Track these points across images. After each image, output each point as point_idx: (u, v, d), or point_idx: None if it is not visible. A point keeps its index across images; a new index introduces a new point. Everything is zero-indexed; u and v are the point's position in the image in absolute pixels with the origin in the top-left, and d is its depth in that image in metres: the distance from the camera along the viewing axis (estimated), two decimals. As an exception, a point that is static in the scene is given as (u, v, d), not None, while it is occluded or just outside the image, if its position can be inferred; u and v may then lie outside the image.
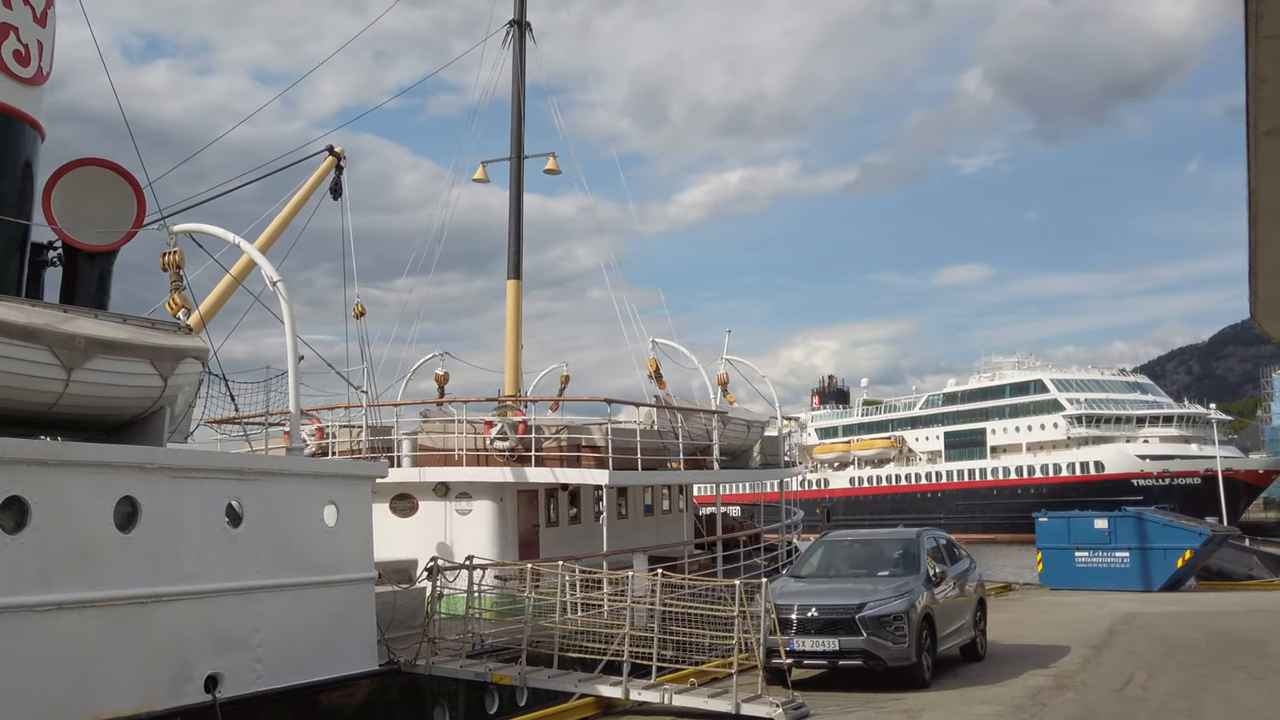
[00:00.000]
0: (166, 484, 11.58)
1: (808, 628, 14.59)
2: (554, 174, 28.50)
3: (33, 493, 10.18)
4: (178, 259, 14.39)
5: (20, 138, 14.39)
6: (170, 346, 12.15)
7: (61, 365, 10.83)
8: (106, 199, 15.14)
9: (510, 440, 20.79)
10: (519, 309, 27.27)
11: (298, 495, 13.40)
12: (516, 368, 26.97)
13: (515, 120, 28.63)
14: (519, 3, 29.78)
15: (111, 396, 11.59)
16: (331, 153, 21.88)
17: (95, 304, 14.90)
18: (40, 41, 14.52)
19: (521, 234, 27.75)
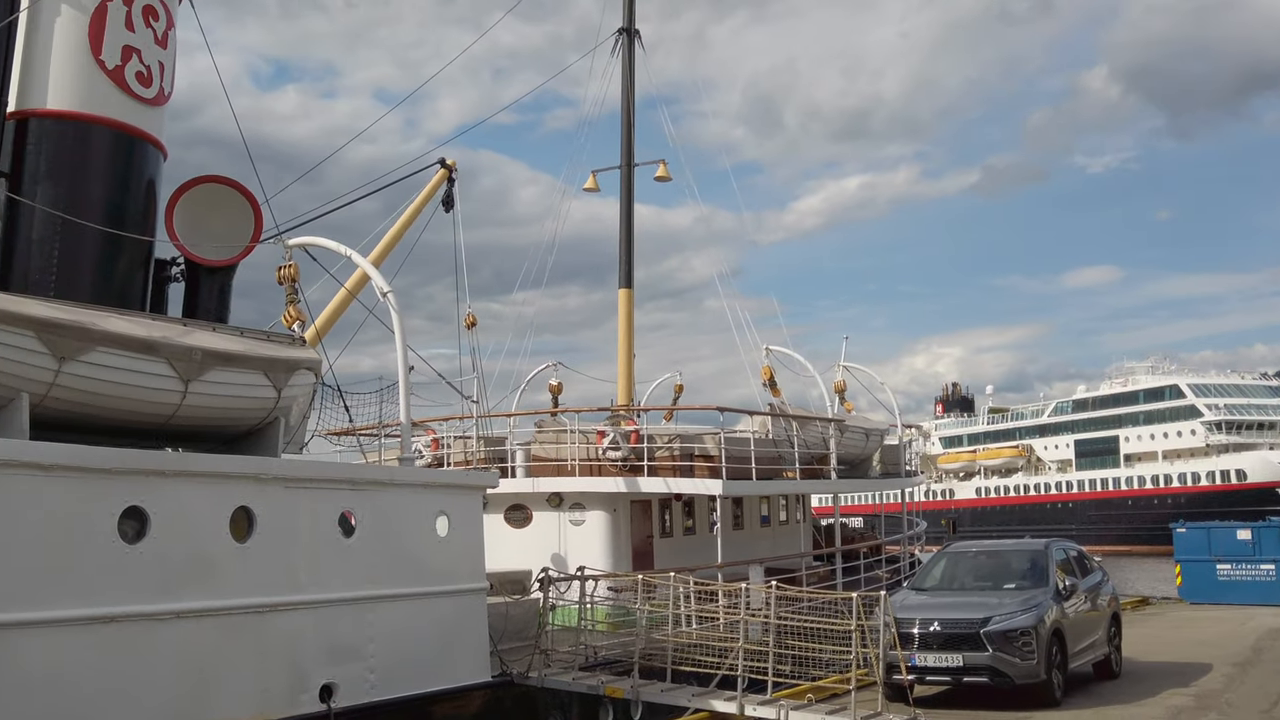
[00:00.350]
0: (281, 494, 11.69)
1: (930, 642, 14.03)
2: (664, 181, 28.34)
3: (152, 503, 10.35)
4: (292, 273, 14.59)
5: (144, 157, 14.80)
6: (283, 358, 12.28)
7: (179, 377, 11.01)
8: (225, 215, 15.47)
9: (623, 450, 20.60)
10: (631, 318, 27.15)
11: (409, 505, 13.43)
12: (629, 377, 26.83)
13: (625, 128, 28.56)
14: (627, 10, 29.74)
15: (227, 408, 11.75)
16: (443, 165, 22.08)
17: (216, 317, 15.24)
18: (161, 63, 14.92)
19: (632, 243, 27.65)
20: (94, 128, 14.20)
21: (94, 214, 13.90)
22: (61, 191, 13.87)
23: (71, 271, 13.81)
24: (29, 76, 14.14)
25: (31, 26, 14.25)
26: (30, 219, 13.72)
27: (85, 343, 10.20)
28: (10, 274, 13.69)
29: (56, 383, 10.08)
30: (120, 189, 14.50)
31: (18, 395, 9.90)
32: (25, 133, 14.01)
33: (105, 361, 10.37)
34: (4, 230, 13.77)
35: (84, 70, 14.15)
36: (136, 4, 14.59)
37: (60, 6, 14.26)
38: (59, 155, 13.99)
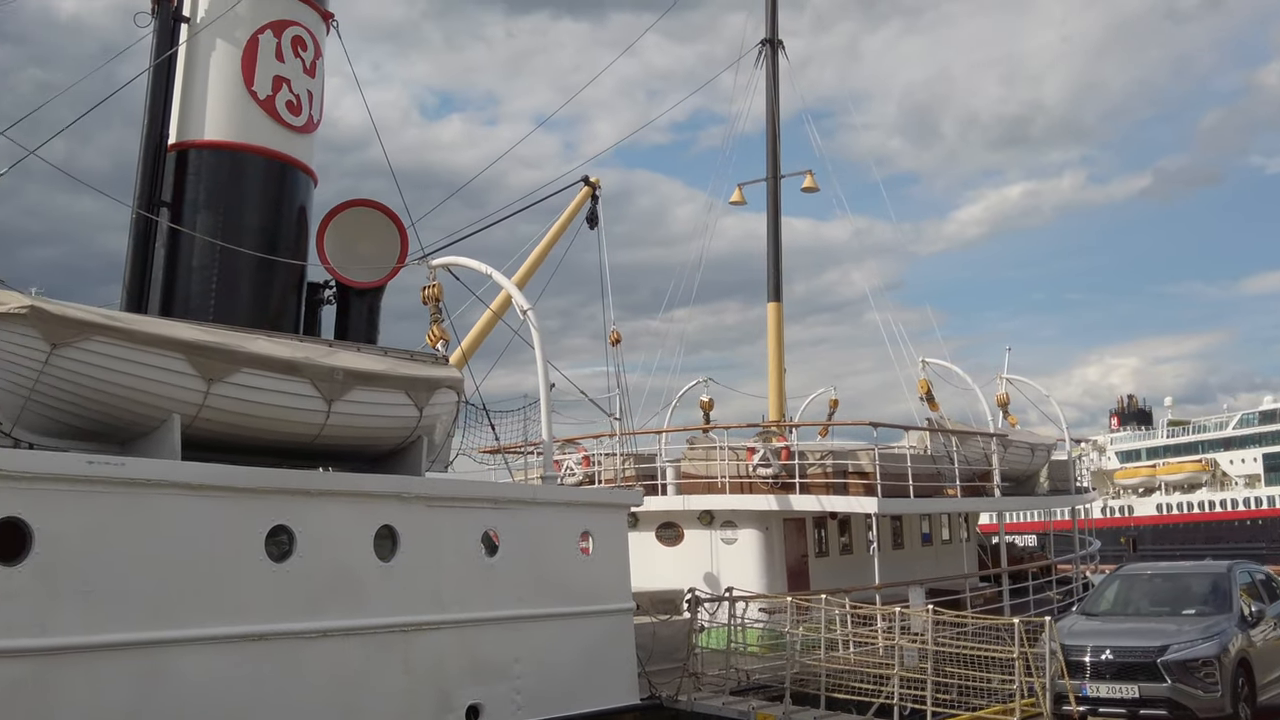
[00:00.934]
0: (424, 513, 11.70)
1: (1102, 671, 13.07)
2: (811, 192, 27.77)
3: (298, 522, 10.46)
4: (436, 293, 14.70)
5: (295, 183, 15.16)
6: (425, 377, 12.31)
7: (322, 397, 11.12)
8: (373, 238, 15.74)
9: (773, 467, 20.12)
10: (780, 332, 26.65)
11: (553, 524, 13.29)
12: (780, 392, 26.31)
13: (770, 139, 28.15)
14: (770, 22, 29.40)
15: (370, 427, 11.83)
16: (587, 183, 22.05)
17: (365, 338, 15.48)
18: (310, 91, 15.28)
19: (780, 255, 27.17)
20: (247, 156, 14.60)
21: (249, 240, 14.29)
22: (218, 219, 14.31)
23: (229, 296, 14.22)
24: (188, 110, 14.68)
25: (190, 62, 14.80)
26: (190, 247, 14.20)
27: (231, 364, 10.39)
28: (173, 300, 14.19)
29: (205, 404, 10.29)
30: (273, 215, 14.87)
31: (169, 417, 10.14)
32: (185, 164, 14.53)
33: (251, 382, 10.55)
34: (166, 259, 14.30)
35: (237, 101, 14.60)
36: (286, 35, 14.99)
37: (215, 41, 14.75)
38: (215, 184, 14.45)
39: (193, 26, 14.86)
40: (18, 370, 9.44)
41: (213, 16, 14.75)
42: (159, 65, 14.60)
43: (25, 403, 9.60)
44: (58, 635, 8.66)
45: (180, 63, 14.81)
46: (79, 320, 9.62)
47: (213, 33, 14.78)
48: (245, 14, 14.79)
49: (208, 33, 14.79)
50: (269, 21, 14.88)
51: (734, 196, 29.40)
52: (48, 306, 9.48)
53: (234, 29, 14.78)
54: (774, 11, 29.86)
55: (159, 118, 14.54)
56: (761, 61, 29.59)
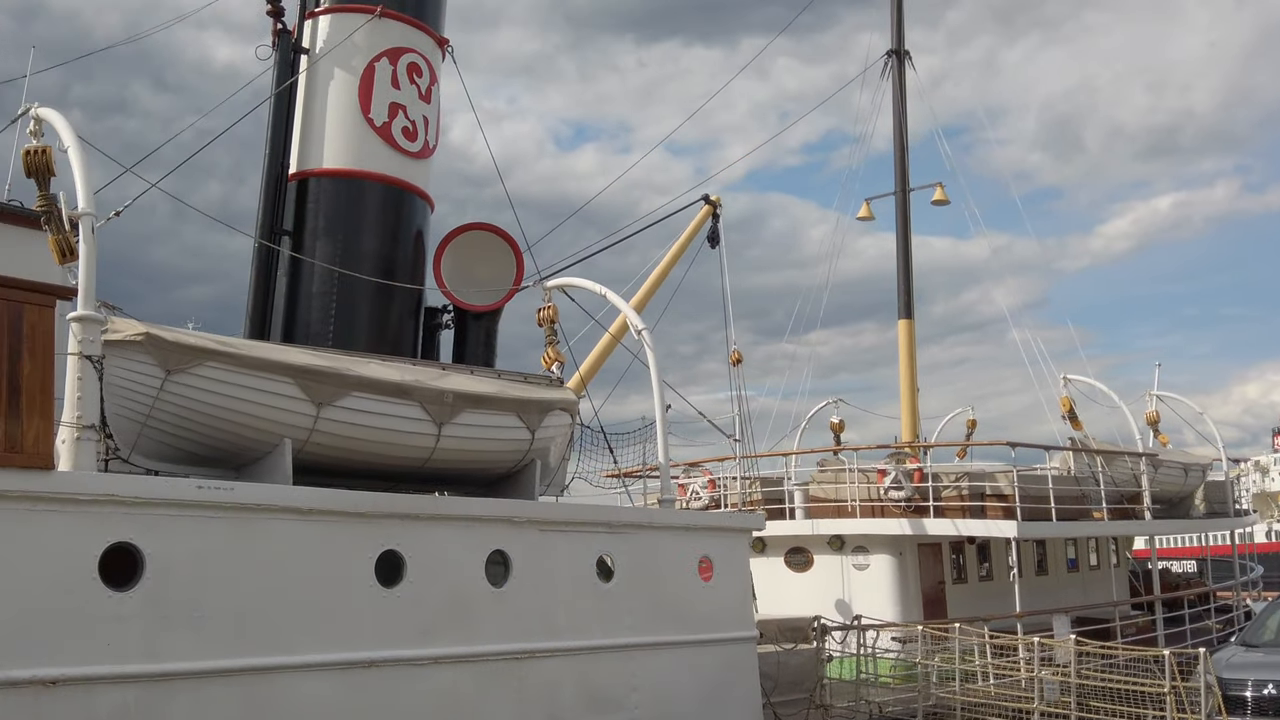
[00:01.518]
0: (536, 538, 11.45)
1: (1265, 708, 12.00)
2: (942, 204, 26.91)
3: (408, 547, 10.31)
4: (551, 314, 14.55)
5: (412, 209, 15.21)
6: (536, 399, 12.09)
7: (432, 420, 10.99)
8: (490, 261, 15.71)
9: (905, 490, 19.35)
10: (912, 350, 25.80)
11: (670, 549, 12.90)
12: (913, 412, 25.42)
13: (898, 151, 27.40)
14: (896, 33, 28.71)
15: (481, 450, 11.65)
16: (707, 201, 21.70)
17: (483, 361, 15.42)
18: (426, 117, 15.34)
19: (911, 271, 26.36)
20: (365, 183, 14.71)
21: (367, 266, 14.37)
22: (336, 246, 14.43)
23: (348, 322, 14.31)
24: (307, 139, 14.89)
25: (309, 93, 15.02)
26: (310, 274, 14.36)
27: (341, 388, 10.34)
28: (294, 327, 14.36)
29: (316, 428, 10.25)
30: (391, 241, 14.94)
31: (281, 441, 10.12)
32: (305, 193, 14.73)
33: (361, 406, 10.48)
34: (288, 287, 14.49)
35: (354, 129, 14.73)
36: (401, 63, 15.09)
37: (333, 71, 14.94)
38: (334, 212, 14.59)
39: (311, 57, 15.11)
40: (134, 396, 9.54)
41: (330, 46, 14.97)
42: (279, 96, 14.89)
43: (141, 428, 9.69)
44: (167, 661, 8.64)
45: (300, 94, 15.08)
46: (191, 346, 9.68)
47: (330, 63, 14.98)
48: (362, 43, 14.95)
49: (325, 63, 15.01)
50: (385, 49, 15.00)
51: (861, 212, 28.73)
52: (161, 333, 9.57)
53: (351, 58, 14.95)
54: (899, 22, 29.20)
55: (279, 148, 14.80)
56: (888, 73, 28.90)
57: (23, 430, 8.11)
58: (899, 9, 29.13)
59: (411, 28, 15.41)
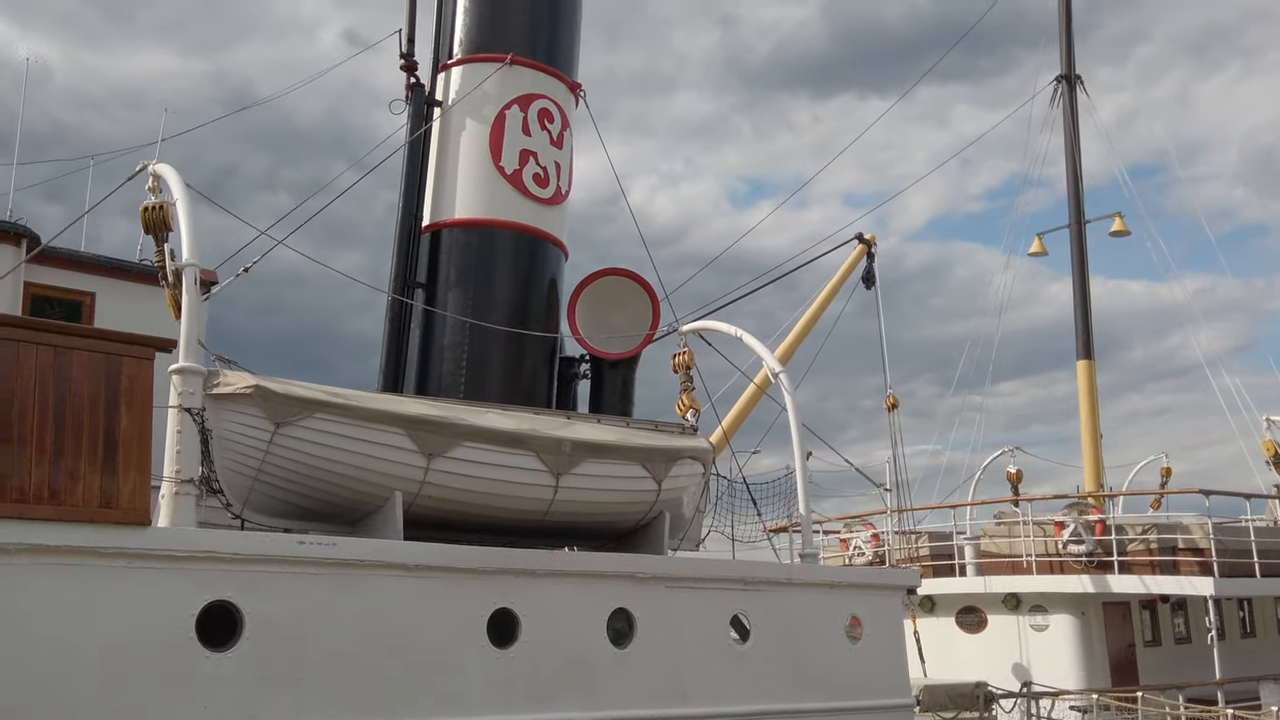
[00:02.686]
0: (662, 595, 10.73)
1: None
2: (1121, 236, 25.08)
3: (522, 604, 9.77)
4: (687, 360, 13.93)
5: (544, 257, 14.90)
6: (661, 447, 11.45)
7: (549, 471, 10.48)
8: (627, 308, 15.23)
9: (1086, 543, 17.75)
10: (1094, 392, 24.04)
11: (814, 608, 11.97)
12: (1095, 460, 23.59)
13: (1071, 180, 25.87)
14: (1066, 57, 27.23)
15: (603, 501, 11.06)
16: (861, 240, 20.78)
17: (619, 411, 14.89)
18: (558, 163, 15.06)
19: (1089, 308, 24.65)
20: (496, 232, 14.48)
21: (499, 315, 14.10)
22: (467, 297, 14.22)
23: (479, 374, 14.03)
24: (440, 190, 14.81)
25: (442, 145, 14.98)
26: (443, 326, 14.18)
27: (452, 438, 9.94)
28: (427, 380, 14.18)
29: (427, 480, 9.87)
30: (523, 289, 14.65)
31: (391, 494, 9.78)
32: (438, 244, 14.62)
33: (472, 456, 10.05)
34: (421, 339, 14.35)
35: (485, 177, 14.56)
36: (532, 109, 14.88)
37: (465, 121, 14.86)
38: (465, 261, 14.40)
39: (443, 109, 15.09)
40: (244, 450, 9.37)
41: (460, 96, 14.91)
42: (412, 150, 14.90)
43: (253, 483, 9.51)
44: (265, 724, 8.31)
45: (434, 147, 15.05)
46: (300, 398, 9.47)
47: (462, 113, 14.91)
48: (492, 91, 14.82)
49: (457, 114, 14.94)
50: (516, 96, 14.83)
51: (1034, 247, 27.22)
52: (271, 385, 9.39)
53: (482, 107, 14.83)
54: (1069, 46, 27.73)
55: (412, 201, 14.78)
56: (1059, 99, 27.42)
57: (119, 485, 7.96)
58: (1068, 32, 27.69)
59: (542, 74, 15.20)
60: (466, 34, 15.32)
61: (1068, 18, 27.73)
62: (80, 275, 10.80)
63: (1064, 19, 27.67)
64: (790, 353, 19.18)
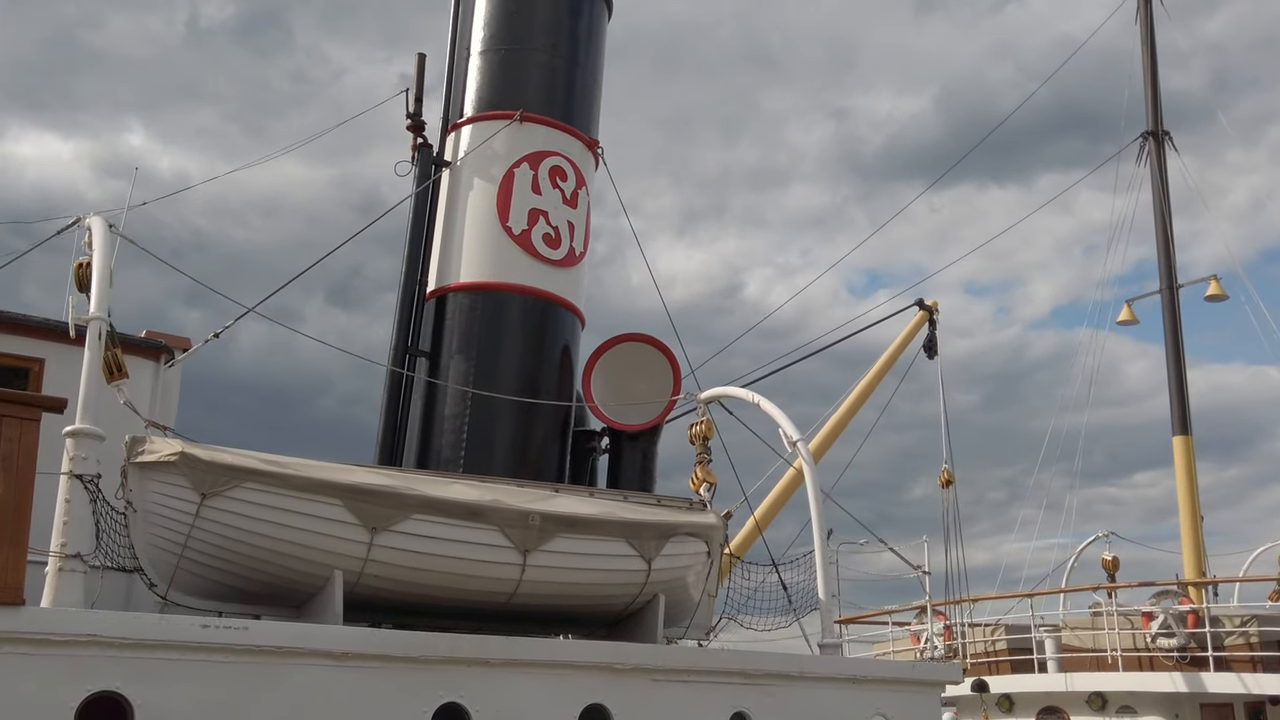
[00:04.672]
0: (647, 689, 9.40)
1: None
2: (1218, 300, 23.14)
3: (474, 699, 8.56)
4: (705, 430, 12.75)
5: (555, 321, 13.94)
6: (651, 522, 10.20)
7: (514, 547, 9.32)
8: (648, 377, 14.16)
9: (1178, 637, 15.76)
10: (1192, 469, 22.01)
11: (832, 706, 10.47)
12: (1195, 544, 21.40)
13: (1161, 242, 24.11)
14: (1152, 112, 25.65)
15: (580, 582, 9.83)
16: (922, 306, 19.40)
17: (638, 486, 13.74)
18: (571, 223, 14.17)
19: (1184, 379, 22.74)
20: (502, 295, 13.60)
21: (506, 385, 13.14)
22: (470, 364, 13.31)
23: (482, 446, 13.02)
24: (447, 254, 14.03)
25: (449, 207, 14.26)
26: (444, 396, 13.27)
27: (398, 510, 8.88)
28: (428, 454, 13.22)
29: (370, 557, 8.81)
30: (532, 357, 13.67)
31: (331, 573, 8.74)
32: (443, 310, 13.78)
33: (424, 531, 8.96)
34: (423, 410, 13.44)
35: (492, 238, 13.74)
36: (543, 167, 14.08)
37: (473, 181, 14.13)
38: (469, 327, 13.52)
39: (453, 170, 14.39)
40: (169, 525, 8.48)
41: (467, 155, 14.20)
42: (417, 213, 14.19)
43: (179, 560, 8.58)
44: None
45: (441, 209, 14.34)
46: (229, 465, 8.55)
47: (470, 173, 14.19)
48: (501, 149, 14.08)
49: (465, 174, 14.22)
50: (525, 154, 14.05)
51: (1122, 315, 25.39)
52: (197, 452, 8.51)
53: (490, 166, 14.08)
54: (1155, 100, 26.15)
55: (415, 265, 14.02)
56: (1145, 158, 25.82)
57: (-11, 559, 7.09)
58: (1154, 85, 26.12)
59: (556, 130, 14.43)
60: (478, 92, 14.67)
61: (1153, 70, 26.25)
62: (27, 340, 10.17)
63: (1149, 72, 26.19)
64: (841, 426, 17.77)
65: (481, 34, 14.90)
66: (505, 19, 14.84)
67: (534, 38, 14.81)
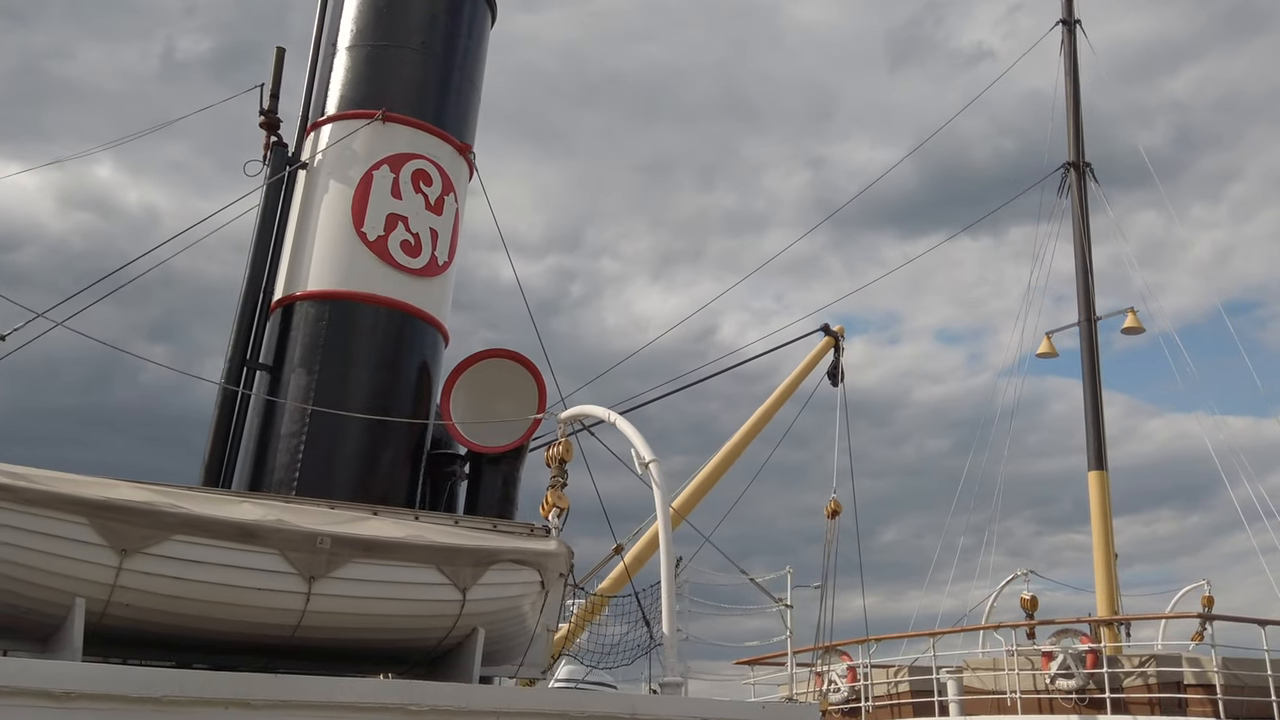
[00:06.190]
0: (451, 736, 8.39)
1: None
2: (1134, 333, 22.60)
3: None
4: (561, 453, 11.80)
5: (413, 336, 12.98)
6: (469, 548, 9.22)
7: (299, 574, 8.30)
8: (513, 397, 13.20)
9: (1077, 677, 14.93)
10: (1106, 505, 21.33)
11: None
12: (1109, 582, 20.67)
13: (1081, 275, 23.52)
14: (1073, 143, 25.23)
15: (379, 614, 8.80)
16: (827, 332, 18.61)
17: (499, 512, 12.74)
18: (434, 230, 13.25)
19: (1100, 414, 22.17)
20: (353, 305, 12.62)
21: (351, 402, 12.15)
22: (313, 379, 12.30)
23: (319, 467, 11.96)
24: (297, 262, 13.06)
25: (303, 211, 13.31)
26: (282, 413, 12.25)
27: (155, 530, 7.84)
28: (261, 476, 12.16)
29: (119, 583, 7.76)
30: (385, 373, 12.68)
31: (73, 601, 7.68)
32: (289, 320, 12.79)
33: (186, 554, 7.93)
34: (260, 428, 12.41)
35: (345, 244, 12.79)
36: (405, 170, 13.17)
37: (329, 184, 13.20)
38: (313, 339, 12.51)
39: (309, 171, 13.46)
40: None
41: (328, 157, 13.28)
42: (265, 217, 13.23)
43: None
44: None
45: (294, 214, 13.38)
46: None
47: (326, 174, 13.26)
48: (361, 150, 13.17)
49: (321, 176, 13.29)
50: (386, 156, 13.14)
51: (1042, 348, 24.80)
52: (-76, 466, 7.46)
53: (348, 168, 13.16)
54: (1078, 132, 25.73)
55: (259, 273, 13.03)
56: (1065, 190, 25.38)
57: None
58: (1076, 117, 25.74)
59: (423, 133, 13.52)
60: (342, 90, 13.77)
61: (1075, 102, 25.86)
62: None
63: (1071, 102, 25.80)
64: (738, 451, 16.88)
65: (350, 28, 14.04)
66: (375, 13, 13.98)
67: (405, 35, 13.96)
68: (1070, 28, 26.84)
